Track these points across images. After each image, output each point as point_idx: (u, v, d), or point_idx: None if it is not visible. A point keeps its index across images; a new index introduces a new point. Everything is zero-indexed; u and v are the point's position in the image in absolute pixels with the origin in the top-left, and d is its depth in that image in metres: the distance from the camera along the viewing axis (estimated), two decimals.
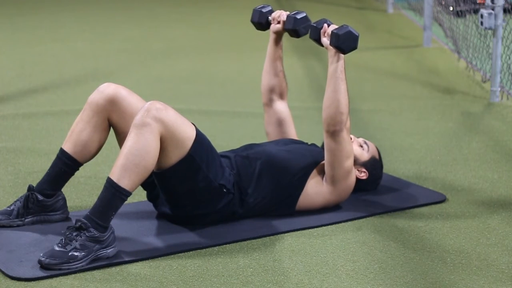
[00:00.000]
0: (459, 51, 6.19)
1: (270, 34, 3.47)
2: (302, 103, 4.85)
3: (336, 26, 3.10)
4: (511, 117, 4.74)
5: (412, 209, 3.29)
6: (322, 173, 3.20)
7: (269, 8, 3.46)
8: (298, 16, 3.32)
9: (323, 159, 3.22)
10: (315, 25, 3.16)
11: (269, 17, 3.43)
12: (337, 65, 3.07)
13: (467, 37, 5.95)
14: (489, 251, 2.89)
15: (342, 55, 3.07)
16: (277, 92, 3.50)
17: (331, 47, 3.08)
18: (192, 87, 5.53)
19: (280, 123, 3.49)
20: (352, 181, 3.20)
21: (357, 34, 3.05)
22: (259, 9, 3.45)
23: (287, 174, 3.15)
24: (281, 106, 3.50)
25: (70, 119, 3.78)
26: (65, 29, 7.90)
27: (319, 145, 3.44)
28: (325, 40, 3.11)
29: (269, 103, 3.50)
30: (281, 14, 3.39)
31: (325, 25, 3.13)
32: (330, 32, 3.08)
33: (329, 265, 2.77)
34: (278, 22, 3.40)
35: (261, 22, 3.45)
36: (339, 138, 3.08)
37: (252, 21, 3.48)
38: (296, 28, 3.32)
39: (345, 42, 3.03)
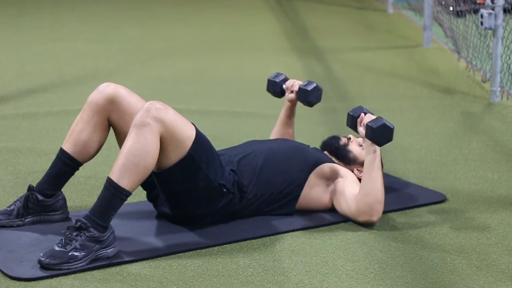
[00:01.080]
0: (459, 51, 6.19)
1: (285, 102, 3.57)
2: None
3: (373, 116, 3.10)
4: (511, 117, 4.74)
5: (412, 209, 3.29)
6: (323, 177, 3.20)
7: (283, 77, 3.58)
8: (309, 88, 3.43)
9: (324, 162, 3.22)
10: (351, 113, 3.16)
11: (283, 86, 3.55)
12: (374, 156, 3.07)
13: (467, 37, 5.95)
14: (489, 251, 2.89)
15: (378, 147, 3.08)
16: None
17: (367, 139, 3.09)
18: (192, 87, 5.53)
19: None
20: None
21: (392, 127, 3.04)
22: (273, 79, 3.59)
23: (287, 174, 3.15)
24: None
25: (70, 119, 3.78)
26: (65, 29, 7.90)
27: (318, 145, 3.44)
28: (362, 130, 3.12)
29: None
30: (293, 84, 3.51)
31: (362, 114, 3.13)
32: (365, 124, 3.08)
33: (329, 265, 2.77)
34: (291, 92, 3.51)
35: (276, 92, 3.58)
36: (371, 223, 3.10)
37: (268, 91, 3.62)
38: (308, 100, 3.44)
39: (379, 136, 3.04)
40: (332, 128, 4.19)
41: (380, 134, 3.04)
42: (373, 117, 3.10)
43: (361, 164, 3.30)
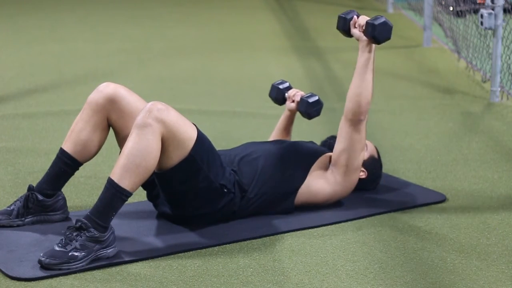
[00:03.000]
0: (459, 51, 6.19)
1: (284, 110, 3.57)
2: None
3: (367, 17, 3.11)
4: (511, 117, 4.74)
5: (412, 209, 3.29)
6: (323, 167, 3.22)
7: (287, 84, 3.57)
8: (310, 100, 3.41)
9: (324, 153, 3.25)
10: (343, 16, 3.17)
11: (286, 94, 3.53)
12: (370, 56, 3.12)
13: (467, 37, 5.95)
14: (489, 251, 2.89)
15: (373, 46, 3.10)
16: None
17: (363, 38, 3.09)
18: (192, 87, 5.53)
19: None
20: (358, 176, 3.24)
21: (391, 25, 3.07)
22: (277, 85, 3.57)
23: (288, 168, 3.17)
24: None
25: (70, 119, 3.78)
26: (65, 29, 7.90)
27: (318, 144, 3.45)
28: (356, 31, 3.13)
29: None
30: (296, 94, 3.49)
31: (355, 16, 3.14)
32: (363, 23, 3.09)
33: (329, 265, 2.77)
34: (293, 101, 3.50)
35: (278, 98, 3.56)
36: (361, 127, 3.16)
37: (270, 96, 3.60)
38: (308, 111, 3.42)
39: (381, 33, 3.05)
40: (332, 128, 4.18)
41: (381, 31, 3.05)
42: (367, 18, 3.11)
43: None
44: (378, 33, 3.04)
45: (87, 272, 2.69)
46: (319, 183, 3.20)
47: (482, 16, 5.06)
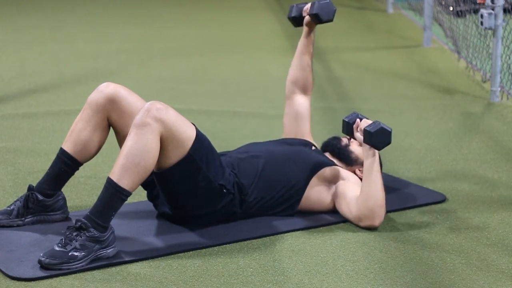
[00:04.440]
0: (459, 51, 6.19)
1: (303, 28, 3.50)
2: None
3: (369, 121, 3.10)
4: (511, 117, 4.74)
5: (412, 209, 3.29)
6: (325, 181, 3.19)
7: (305, 4, 3.50)
8: (321, 1, 3.37)
9: (325, 165, 3.21)
10: (347, 120, 3.16)
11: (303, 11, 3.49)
12: (373, 160, 3.06)
13: (467, 37, 5.95)
14: (489, 251, 2.89)
15: (377, 150, 3.07)
16: (300, 85, 3.51)
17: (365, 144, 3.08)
18: (192, 87, 5.53)
19: (296, 116, 3.51)
20: None
21: (389, 130, 3.04)
22: (296, 4, 3.50)
23: (288, 177, 3.14)
24: (301, 100, 3.52)
25: (70, 119, 3.78)
26: (65, 29, 7.90)
27: (319, 145, 3.44)
28: (359, 136, 3.12)
29: (291, 95, 3.53)
30: (308, 6, 3.45)
31: (357, 120, 3.13)
32: (362, 129, 3.07)
33: (329, 265, 2.77)
34: (307, 15, 3.45)
35: (296, 17, 3.50)
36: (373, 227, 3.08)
37: (289, 17, 3.53)
38: (316, 12, 3.36)
39: (378, 140, 3.03)
40: (332, 128, 4.18)
41: (378, 138, 3.03)
42: (370, 121, 3.10)
43: (361, 163, 3.30)
44: (375, 141, 3.03)
45: (87, 272, 2.69)
46: (318, 195, 3.16)
47: (482, 16, 5.06)
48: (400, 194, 3.45)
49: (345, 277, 2.67)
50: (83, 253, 2.70)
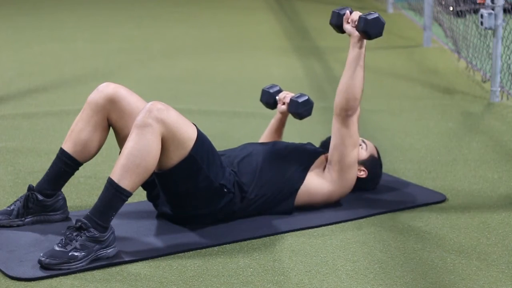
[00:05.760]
0: (459, 51, 6.19)
1: (276, 113, 3.57)
2: None
3: (360, 13, 3.13)
4: (511, 117, 4.74)
5: (412, 209, 3.29)
6: (321, 167, 3.23)
7: (277, 88, 3.56)
8: (300, 100, 3.41)
9: (322, 154, 3.26)
10: (337, 11, 3.18)
11: (277, 97, 3.53)
12: (360, 52, 3.11)
13: (467, 37, 5.95)
14: (489, 251, 2.89)
15: (364, 42, 3.10)
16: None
17: (355, 33, 3.10)
18: (192, 87, 5.53)
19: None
20: (355, 173, 3.24)
21: (383, 22, 3.08)
22: (267, 90, 3.56)
23: (287, 169, 3.17)
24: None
25: (70, 119, 3.78)
26: (65, 29, 7.90)
27: (317, 144, 3.45)
28: (348, 27, 3.14)
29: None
30: (286, 96, 3.49)
31: (348, 11, 3.15)
32: (356, 18, 3.10)
33: (329, 265, 2.77)
34: (283, 104, 3.50)
35: (269, 102, 3.55)
36: (349, 122, 3.16)
37: (261, 101, 3.60)
38: (298, 112, 3.41)
39: (372, 28, 3.06)
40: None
41: (373, 26, 3.06)
42: (361, 13, 3.12)
43: (360, 163, 3.33)
44: (369, 28, 3.06)
45: (87, 272, 2.69)
46: (317, 182, 3.20)
47: (482, 16, 5.06)
48: (400, 194, 3.45)
49: (345, 277, 2.67)
50: (83, 253, 2.70)
